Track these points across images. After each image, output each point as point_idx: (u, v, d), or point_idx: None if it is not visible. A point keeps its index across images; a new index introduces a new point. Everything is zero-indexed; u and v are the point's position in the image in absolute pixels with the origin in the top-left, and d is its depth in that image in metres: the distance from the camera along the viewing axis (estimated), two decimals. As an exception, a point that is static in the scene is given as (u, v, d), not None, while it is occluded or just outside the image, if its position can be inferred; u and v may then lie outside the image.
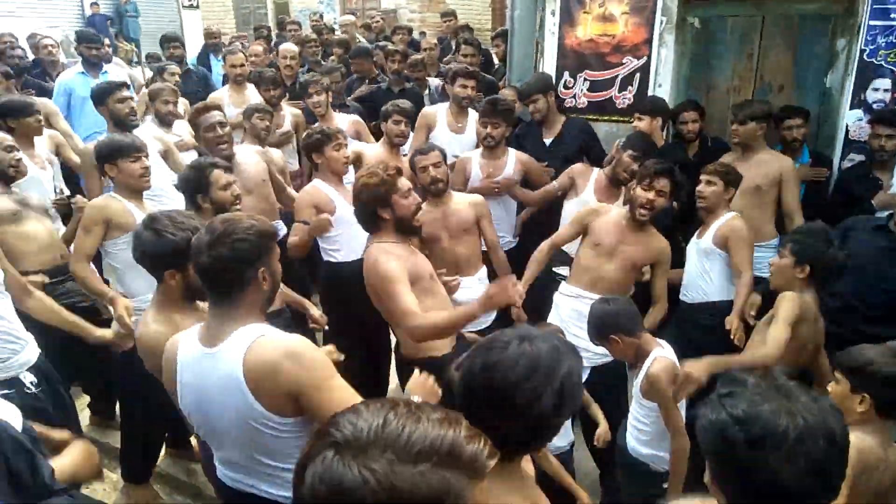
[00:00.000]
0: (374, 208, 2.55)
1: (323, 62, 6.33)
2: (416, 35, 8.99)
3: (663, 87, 4.51)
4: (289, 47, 5.86)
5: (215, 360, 1.68)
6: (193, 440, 2.94)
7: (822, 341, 2.75)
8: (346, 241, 3.43)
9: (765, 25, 4.28)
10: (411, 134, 4.33)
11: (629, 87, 4.58)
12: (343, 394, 1.60)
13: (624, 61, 4.53)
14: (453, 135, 4.48)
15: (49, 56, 5.77)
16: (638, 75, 4.52)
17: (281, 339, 1.67)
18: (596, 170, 3.87)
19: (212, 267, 1.67)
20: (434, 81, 5.84)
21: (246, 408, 1.64)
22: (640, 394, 2.45)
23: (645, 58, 4.47)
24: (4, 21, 8.22)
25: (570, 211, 3.74)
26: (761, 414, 1.11)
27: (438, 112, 4.59)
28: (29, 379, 2.46)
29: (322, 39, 7.35)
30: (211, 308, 1.75)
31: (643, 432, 2.51)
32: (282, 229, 3.85)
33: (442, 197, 3.37)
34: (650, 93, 4.52)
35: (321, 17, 9.88)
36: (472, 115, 4.48)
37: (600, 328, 2.48)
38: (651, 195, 2.99)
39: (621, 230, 3.12)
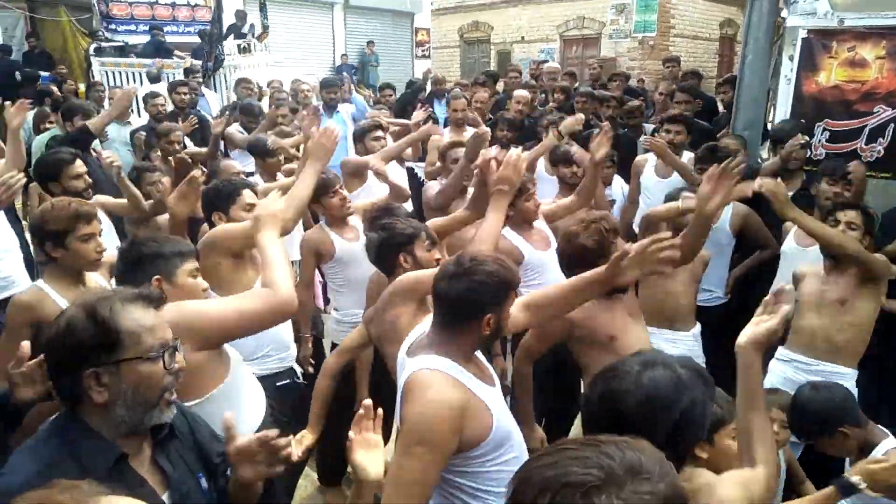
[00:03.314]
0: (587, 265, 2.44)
1: (539, 107, 6.50)
2: (632, 82, 8.88)
3: (925, 140, 3.94)
4: (522, 93, 6.13)
5: (403, 370, 1.78)
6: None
7: None
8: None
9: None
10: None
11: (879, 139, 4.07)
12: (399, 478, 1.60)
13: (875, 110, 4.04)
14: (658, 179, 4.37)
15: (304, 99, 6.69)
16: (892, 126, 4.00)
17: (432, 379, 1.67)
18: None
19: (446, 296, 1.74)
20: (650, 128, 5.70)
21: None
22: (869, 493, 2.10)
23: (902, 107, 3.96)
24: (274, 70, 9.70)
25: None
26: None
27: (649, 158, 4.49)
28: (299, 370, 2.80)
29: (539, 84, 7.59)
30: (432, 326, 1.83)
31: None
32: None
33: None
34: (906, 146, 3.97)
35: (539, 65, 10.14)
36: (684, 159, 4.29)
37: (827, 420, 2.18)
38: (841, 229, 2.82)
39: (822, 277, 2.89)
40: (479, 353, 1.91)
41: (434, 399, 1.63)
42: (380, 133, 4.64)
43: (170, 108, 6.19)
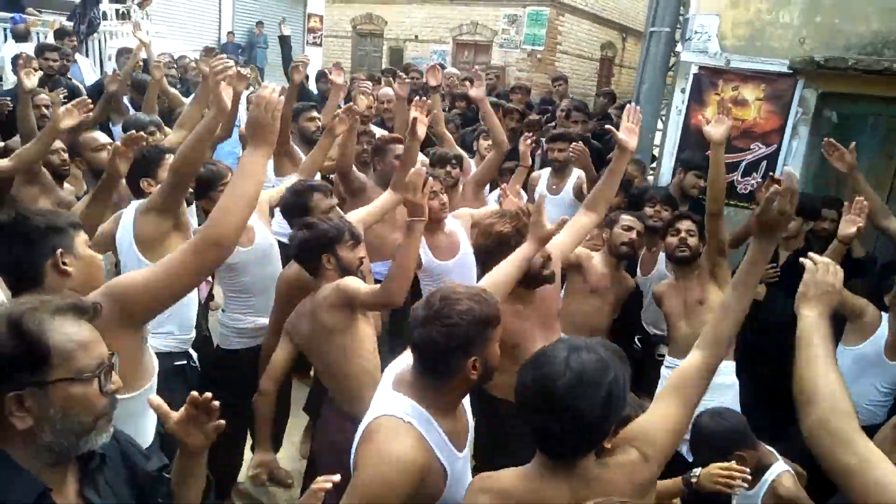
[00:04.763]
0: (492, 259, 2.49)
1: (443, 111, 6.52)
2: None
3: (791, 177, 4.40)
4: (387, 91, 6.08)
5: (380, 400, 1.67)
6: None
7: None
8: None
9: (909, 128, 4.14)
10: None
11: (753, 174, 4.49)
12: None
13: (752, 147, 4.46)
14: (549, 196, 4.40)
15: (196, 77, 6.25)
16: (765, 163, 4.44)
17: (398, 432, 1.55)
18: None
19: (421, 345, 1.60)
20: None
21: None
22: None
23: (774, 146, 4.40)
24: (156, 42, 8.97)
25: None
26: None
27: (543, 174, 4.61)
28: (196, 355, 2.68)
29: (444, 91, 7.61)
30: (413, 366, 1.67)
31: None
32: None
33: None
34: (776, 182, 4.42)
35: (441, 66, 10.12)
36: (573, 177, 4.46)
37: (726, 445, 2.31)
38: (682, 236, 3.14)
39: (676, 291, 3.19)
40: (464, 403, 1.78)
41: (394, 458, 1.51)
42: (315, 114, 4.43)
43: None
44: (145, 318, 1.77)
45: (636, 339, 3.85)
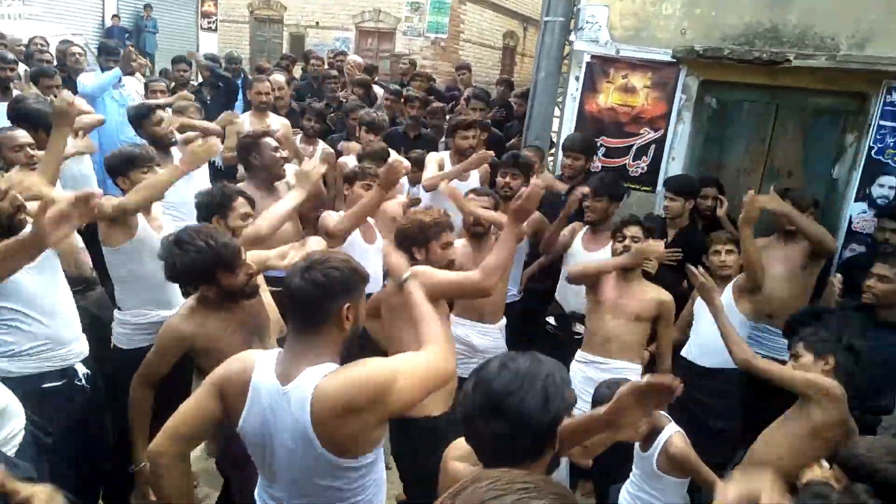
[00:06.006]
0: (410, 244, 2.71)
1: (343, 100, 6.44)
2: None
3: (677, 160, 4.66)
4: (277, 78, 5.96)
5: (287, 399, 1.64)
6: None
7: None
8: None
9: (778, 114, 4.47)
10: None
11: (643, 157, 4.73)
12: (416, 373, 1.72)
13: (641, 132, 4.69)
14: (457, 182, 4.36)
15: (76, 64, 5.83)
16: (653, 147, 4.67)
17: (338, 375, 1.65)
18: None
19: (301, 290, 1.68)
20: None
21: (314, 457, 1.63)
22: (655, 471, 2.45)
23: (662, 131, 4.64)
24: (30, 24, 8.32)
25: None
26: None
27: (446, 158, 4.58)
28: (82, 371, 2.45)
29: (343, 80, 7.49)
30: (290, 336, 1.75)
31: None
32: None
33: (481, 240, 3.47)
34: (664, 165, 4.67)
35: (338, 55, 9.88)
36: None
37: None
38: (626, 243, 3.22)
39: (617, 284, 3.23)
40: None
41: (359, 372, 1.66)
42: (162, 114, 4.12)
43: None
44: None
45: (552, 318, 3.89)
